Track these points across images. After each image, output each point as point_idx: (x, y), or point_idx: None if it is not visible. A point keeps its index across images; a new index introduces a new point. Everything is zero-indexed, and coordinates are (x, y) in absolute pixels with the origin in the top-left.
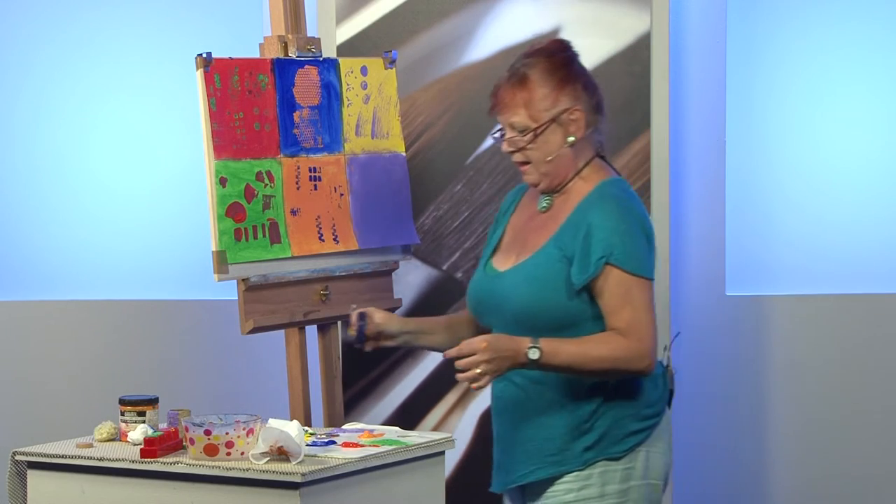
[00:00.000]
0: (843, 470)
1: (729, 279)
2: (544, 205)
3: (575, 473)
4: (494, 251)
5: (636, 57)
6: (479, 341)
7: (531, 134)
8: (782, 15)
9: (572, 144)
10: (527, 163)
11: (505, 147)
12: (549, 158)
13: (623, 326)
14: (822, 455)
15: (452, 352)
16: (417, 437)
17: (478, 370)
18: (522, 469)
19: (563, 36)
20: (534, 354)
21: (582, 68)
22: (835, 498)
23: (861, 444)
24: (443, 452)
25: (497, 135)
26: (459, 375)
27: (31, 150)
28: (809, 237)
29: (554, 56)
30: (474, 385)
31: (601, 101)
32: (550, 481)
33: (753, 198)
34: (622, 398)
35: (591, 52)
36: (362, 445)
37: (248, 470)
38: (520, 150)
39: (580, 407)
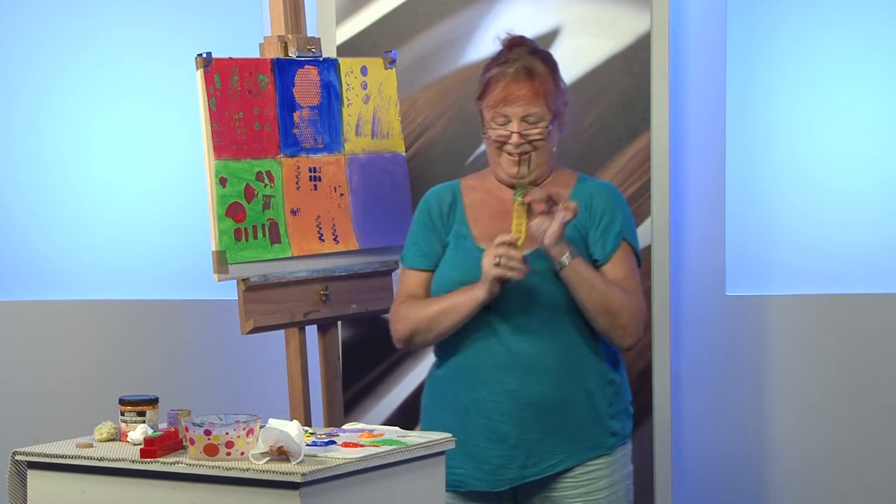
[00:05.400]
0: (843, 470)
1: (729, 279)
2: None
3: (604, 458)
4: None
5: (636, 57)
6: (575, 207)
7: (547, 126)
8: (782, 15)
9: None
10: (525, 154)
11: (516, 140)
12: (554, 150)
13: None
14: (822, 455)
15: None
16: (417, 437)
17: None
18: (551, 459)
19: (563, 36)
20: (566, 259)
21: None
22: (835, 498)
23: (861, 445)
24: (443, 452)
25: (503, 125)
26: (505, 262)
27: (31, 150)
28: (809, 237)
29: (537, 51)
30: (510, 274)
31: None
32: (566, 470)
33: (753, 198)
34: (624, 383)
35: (591, 52)
36: (362, 445)
37: (248, 470)
38: (530, 141)
39: (602, 391)
